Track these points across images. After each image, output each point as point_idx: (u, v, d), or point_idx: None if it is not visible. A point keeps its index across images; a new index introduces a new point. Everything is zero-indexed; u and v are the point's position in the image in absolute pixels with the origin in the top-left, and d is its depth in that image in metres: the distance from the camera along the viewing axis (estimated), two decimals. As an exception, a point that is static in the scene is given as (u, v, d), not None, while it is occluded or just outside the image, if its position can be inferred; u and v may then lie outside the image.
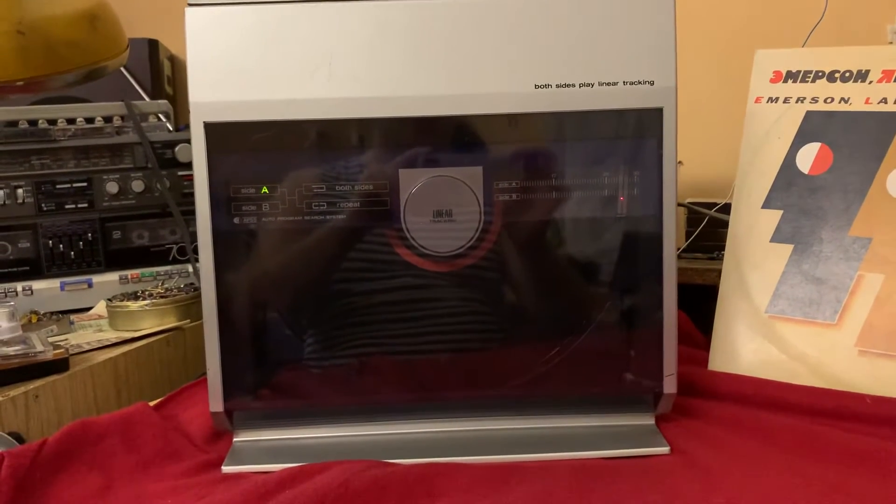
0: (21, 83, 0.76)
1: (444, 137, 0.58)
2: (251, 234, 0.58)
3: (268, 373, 0.60)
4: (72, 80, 0.82)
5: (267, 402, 0.60)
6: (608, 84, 0.56)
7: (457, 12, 0.56)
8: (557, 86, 0.56)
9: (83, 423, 0.56)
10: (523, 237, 0.59)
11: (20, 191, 0.93)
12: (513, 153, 0.58)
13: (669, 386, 0.59)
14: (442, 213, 0.58)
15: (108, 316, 0.85)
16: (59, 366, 0.67)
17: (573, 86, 0.56)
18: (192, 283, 0.94)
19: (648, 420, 0.61)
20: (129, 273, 0.97)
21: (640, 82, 0.56)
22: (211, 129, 0.55)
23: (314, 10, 0.56)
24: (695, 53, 1.17)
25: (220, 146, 0.56)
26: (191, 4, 0.56)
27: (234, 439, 0.60)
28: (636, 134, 0.57)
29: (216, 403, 0.58)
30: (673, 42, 0.56)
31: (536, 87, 0.56)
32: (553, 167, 0.58)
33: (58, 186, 0.94)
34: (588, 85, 0.56)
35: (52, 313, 0.88)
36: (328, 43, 0.55)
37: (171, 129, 1.03)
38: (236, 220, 0.57)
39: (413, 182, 0.57)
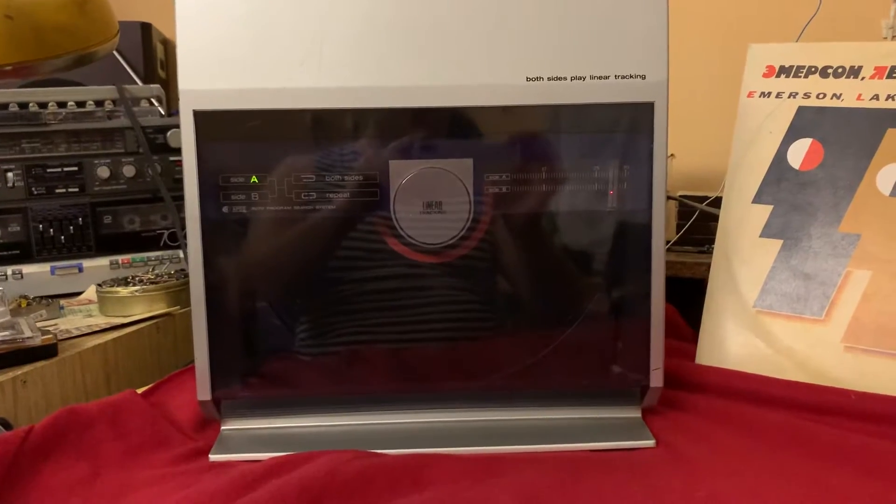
0: (9, 68, 0.75)
1: (435, 129, 0.58)
2: (240, 222, 0.58)
3: (256, 362, 0.60)
4: (61, 65, 0.81)
5: (255, 391, 0.60)
6: (600, 78, 0.56)
7: (449, 3, 0.56)
8: (549, 79, 0.56)
9: (71, 410, 0.56)
10: (513, 229, 0.59)
11: (10, 174, 0.92)
12: (503, 145, 0.58)
13: (656, 380, 0.59)
14: (432, 205, 0.58)
15: (97, 301, 0.85)
16: (47, 351, 0.66)
17: (565, 79, 0.56)
18: (182, 269, 0.94)
19: (635, 413, 0.61)
20: (120, 258, 0.97)
21: (631, 76, 0.56)
22: (200, 117, 0.55)
23: (305, -2, 0.55)
24: (688, 47, 1.17)
25: (210, 135, 0.56)
26: (181, -9, 0.55)
27: (222, 427, 0.61)
28: (627, 128, 0.57)
29: (204, 392, 0.58)
30: (665, 36, 0.56)
31: (528, 79, 0.56)
32: (543, 160, 0.58)
33: (48, 170, 0.94)
34: (580, 78, 0.56)
35: (41, 298, 0.88)
36: (319, 32, 0.55)
37: (163, 113, 1.02)
38: (225, 209, 0.57)
39: (403, 173, 0.57)
